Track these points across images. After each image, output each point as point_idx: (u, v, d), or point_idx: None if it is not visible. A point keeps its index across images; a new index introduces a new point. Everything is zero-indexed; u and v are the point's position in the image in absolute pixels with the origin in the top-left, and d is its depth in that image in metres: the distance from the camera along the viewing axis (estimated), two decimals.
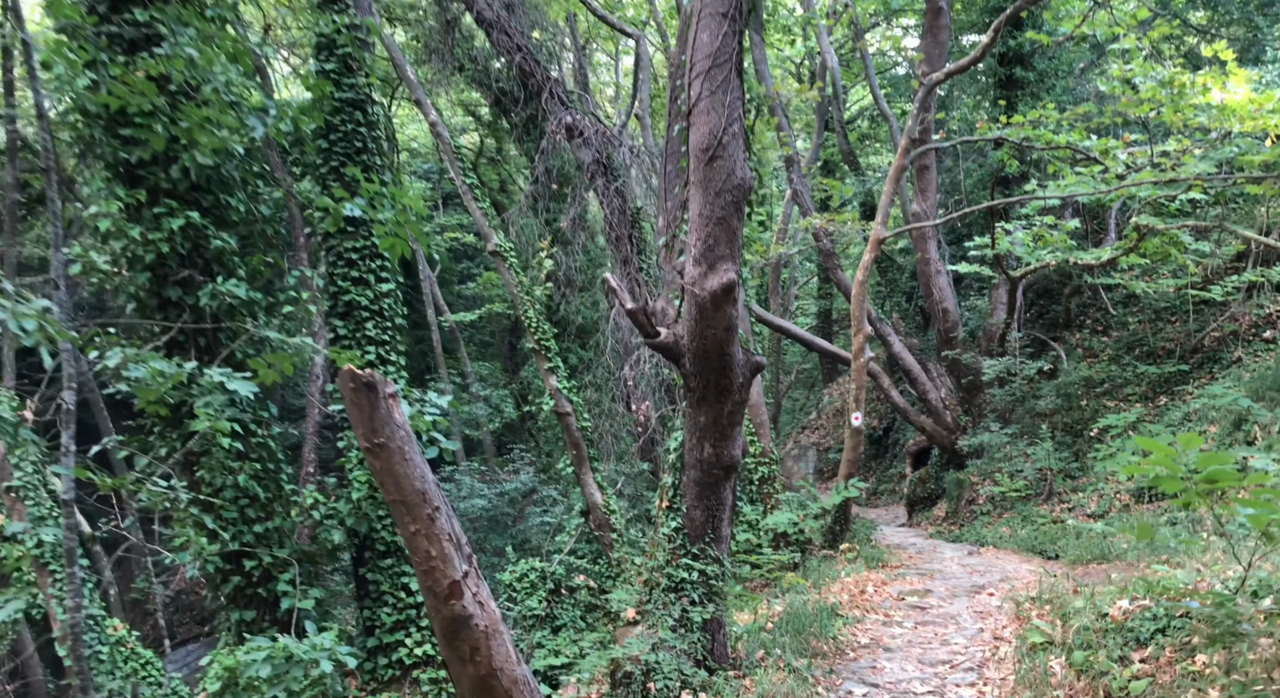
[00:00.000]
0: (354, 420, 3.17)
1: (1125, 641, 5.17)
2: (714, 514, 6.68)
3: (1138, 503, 13.34)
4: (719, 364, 6.27)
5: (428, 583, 3.23)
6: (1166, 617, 4.98)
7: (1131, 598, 5.61)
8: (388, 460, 3.16)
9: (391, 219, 3.99)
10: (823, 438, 30.62)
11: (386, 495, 3.22)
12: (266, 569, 7.11)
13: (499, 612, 3.40)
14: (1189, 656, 4.54)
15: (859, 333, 13.10)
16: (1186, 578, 5.58)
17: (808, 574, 10.92)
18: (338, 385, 3.20)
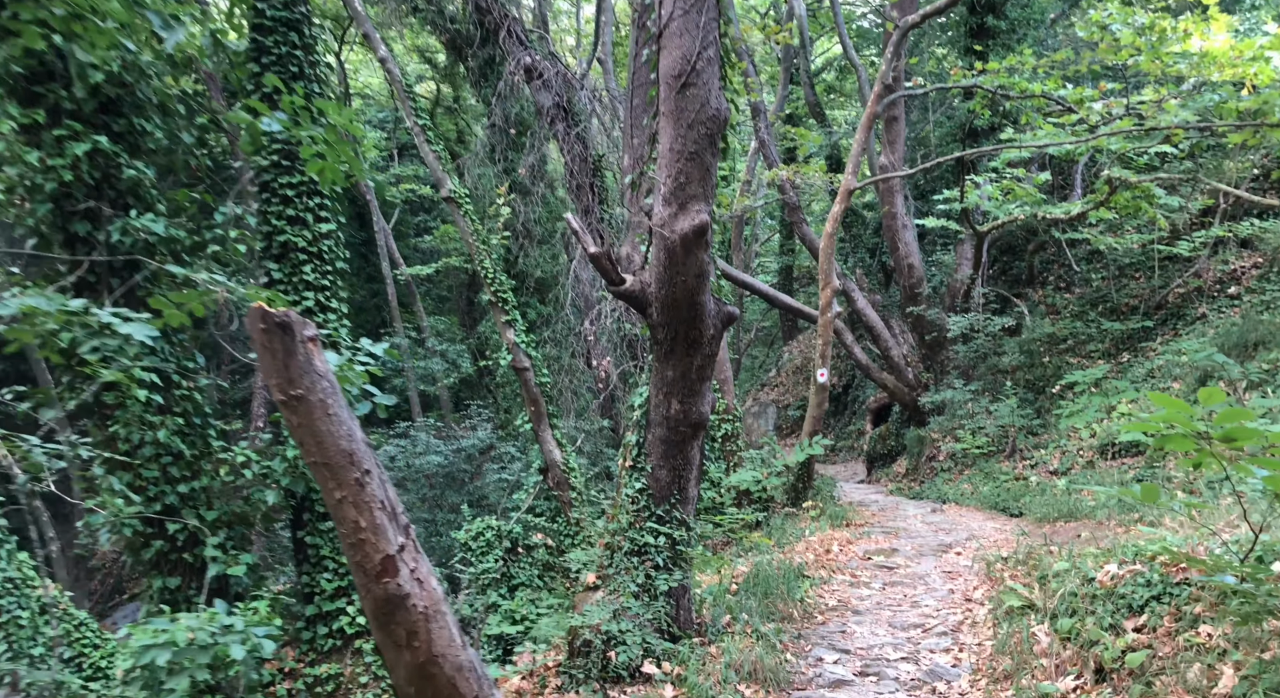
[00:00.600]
0: (266, 369, 2.65)
1: (1116, 608, 4.88)
2: (680, 474, 6.27)
3: (1101, 459, 13.27)
4: (689, 314, 5.80)
5: (356, 558, 2.75)
6: (1162, 583, 4.69)
7: (1120, 562, 5.32)
8: (307, 416, 2.65)
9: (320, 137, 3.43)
10: (782, 395, 30.48)
11: (306, 457, 2.72)
12: (192, 533, 6.53)
13: (441, 590, 2.94)
14: (1190, 626, 4.24)
15: (826, 286, 12.72)
16: (1178, 541, 5.30)
17: (771, 533, 10.64)
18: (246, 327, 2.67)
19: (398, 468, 22.48)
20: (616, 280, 5.86)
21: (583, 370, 16.77)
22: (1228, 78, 11.31)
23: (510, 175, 16.60)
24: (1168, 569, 4.78)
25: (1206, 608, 4.23)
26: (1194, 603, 4.41)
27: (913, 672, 5.81)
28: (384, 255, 27.98)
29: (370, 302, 33.28)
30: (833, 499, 13.06)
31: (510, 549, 12.39)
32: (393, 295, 27.77)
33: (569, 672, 5.77)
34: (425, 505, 22.44)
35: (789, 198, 19.28)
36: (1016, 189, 15.54)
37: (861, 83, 21.37)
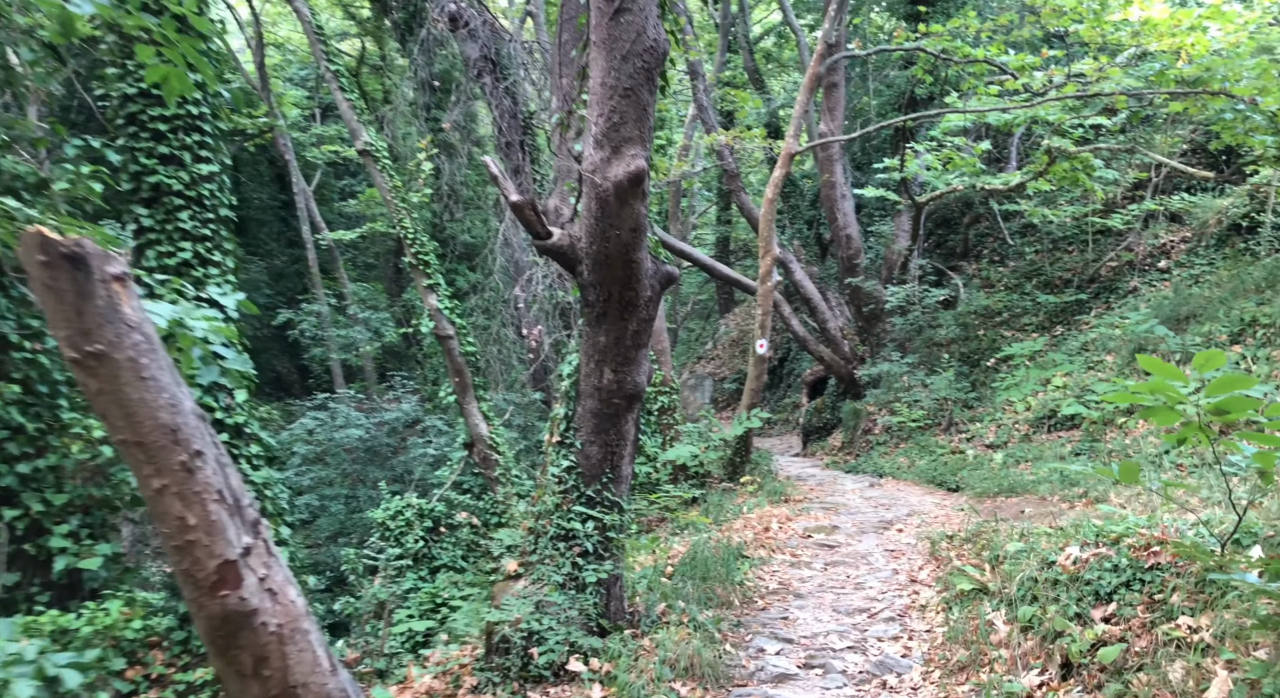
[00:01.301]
0: (51, 317, 1.97)
1: (1081, 595, 4.50)
2: (613, 451, 5.71)
3: (1037, 433, 13.17)
4: (623, 273, 5.21)
5: (184, 566, 2.11)
6: (1131, 568, 4.31)
7: (1081, 544, 4.95)
8: (111, 380, 1.99)
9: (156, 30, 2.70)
10: (719, 368, 30.20)
11: (113, 434, 2.05)
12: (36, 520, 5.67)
13: (303, 602, 2.31)
14: (1168, 618, 3.86)
15: (767, 254, 12.25)
16: (1140, 522, 4.95)
17: (709, 510, 10.20)
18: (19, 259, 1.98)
19: (316, 442, 21.49)
20: (542, 233, 5.23)
21: (513, 340, 16.06)
22: (1165, 47, 11.13)
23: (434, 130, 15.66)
24: (1137, 553, 4.41)
25: (1185, 598, 3.85)
26: (1169, 591, 4.03)
27: (860, 663, 5.39)
28: (304, 219, 26.65)
29: (291, 268, 31.84)
30: (770, 474, 12.70)
31: (432, 529, 11.73)
32: (314, 261, 26.50)
33: (486, 671, 5.20)
34: (346, 482, 21.53)
35: (727, 165, 18.76)
36: (956, 158, 15.28)
37: (801, 48, 20.92)
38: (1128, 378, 12.40)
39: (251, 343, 30.08)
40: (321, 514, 21.58)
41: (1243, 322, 11.08)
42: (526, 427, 18.10)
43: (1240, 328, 11.04)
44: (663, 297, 5.64)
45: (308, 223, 26.61)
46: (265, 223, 32.48)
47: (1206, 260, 14.84)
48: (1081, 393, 12.87)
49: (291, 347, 28.64)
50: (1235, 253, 14.36)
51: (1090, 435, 10.95)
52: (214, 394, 5.47)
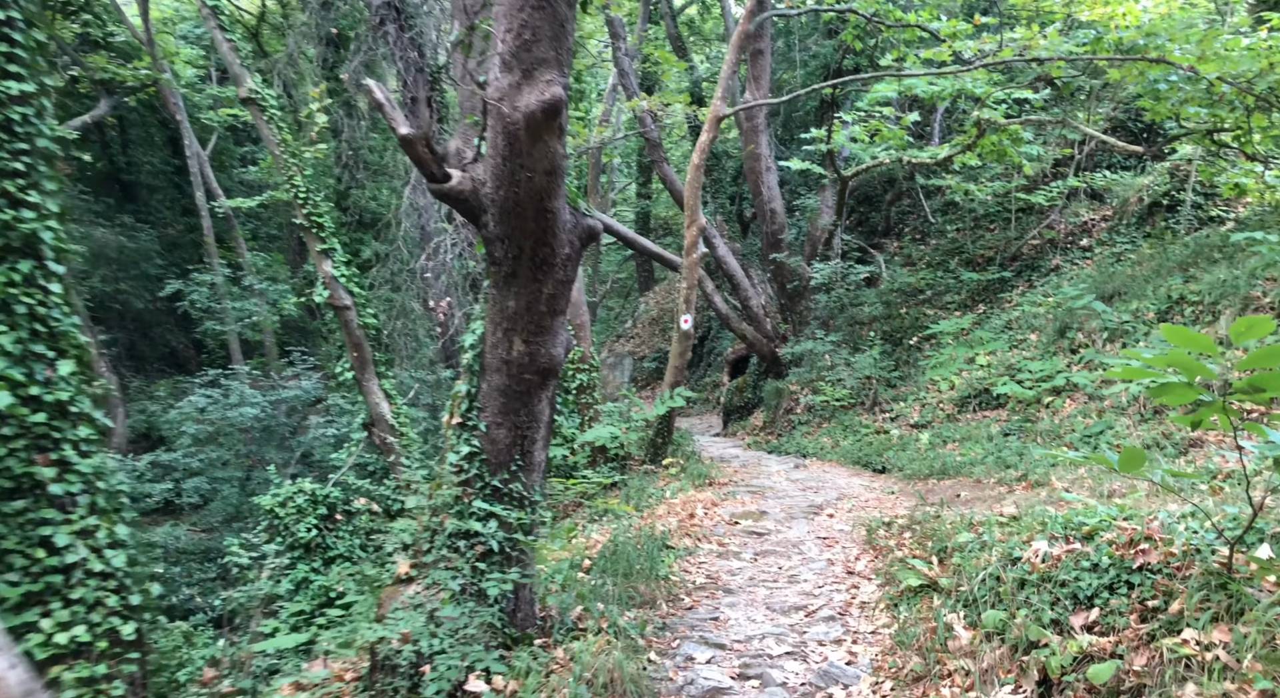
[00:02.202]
0: None
1: (1055, 598, 3.96)
2: (524, 434, 4.93)
3: (962, 412, 12.92)
4: (536, 225, 4.42)
5: None
6: (1115, 569, 3.78)
7: (1050, 538, 4.42)
8: None
9: None
10: (639, 347, 29.58)
11: None
12: None
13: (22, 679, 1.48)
14: (1169, 630, 3.32)
15: (692, 224, 11.57)
16: (1110, 512, 4.45)
17: (629, 496, 9.51)
18: None
19: (208, 421, 20.09)
20: (438, 175, 4.39)
21: (420, 313, 15.03)
22: (1095, 18, 10.85)
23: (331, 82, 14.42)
24: (1120, 551, 3.88)
25: (1190, 608, 3.31)
26: (1166, 598, 3.49)
27: (802, 673, 4.77)
28: (198, 184, 24.79)
29: (186, 237, 29.79)
30: (694, 456, 12.10)
31: (327, 517, 10.75)
32: (209, 229, 24.70)
33: (369, 692, 4.39)
34: (240, 464, 20.20)
35: (650, 133, 17.99)
36: (884, 130, 14.88)
37: (726, 14, 20.26)
38: (1053, 356, 12.22)
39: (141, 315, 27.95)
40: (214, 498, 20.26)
41: (1170, 299, 10.94)
42: (436, 406, 17.10)
43: (1168, 305, 10.90)
44: (582, 254, 4.87)
45: (202, 189, 24.77)
46: (157, 189, 30.36)
47: (1128, 238, 14.83)
48: (1007, 372, 12.66)
49: (187, 320, 26.82)
50: (1157, 231, 14.36)
51: (1024, 417, 10.66)
52: (28, 364, 4.47)
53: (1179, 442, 7.88)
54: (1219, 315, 9.74)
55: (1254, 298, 9.28)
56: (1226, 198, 13.65)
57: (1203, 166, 13.49)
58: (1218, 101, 9.96)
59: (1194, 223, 13.84)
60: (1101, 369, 10.55)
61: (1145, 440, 8.17)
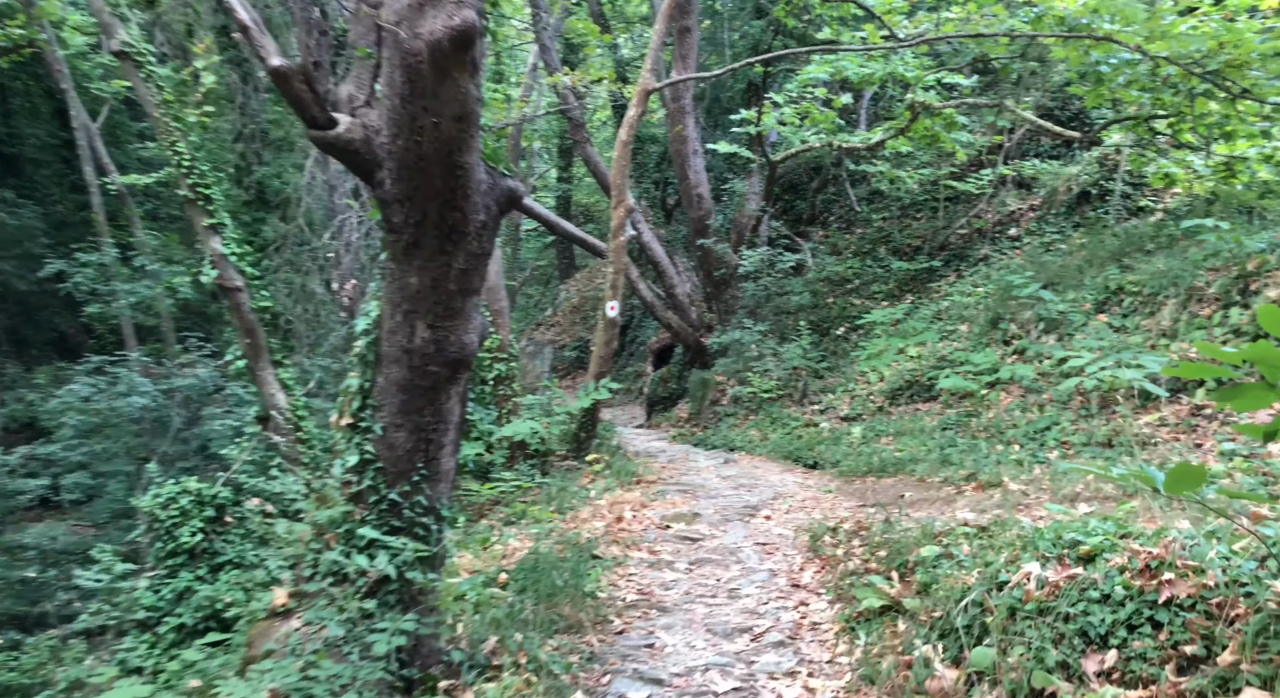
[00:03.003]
0: None
1: (1060, 635, 3.38)
2: (429, 438, 4.14)
3: (893, 404, 12.55)
4: (445, 183, 3.62)
5: None
6: (1133, 601, 3.21)
7: (1041, 558, 3.85)
8: None
9: None
10: (559, 335, 28.75)
11: None
12: None
13: None
14: (1223, 687, 2.74)
15: (620, 204, 10.83)
16: (1107, 528, 3.91)
17: (551, 497, 8.75)
18: None
19: (93, 412, 18.52)
20: (320, 120, 3.54)
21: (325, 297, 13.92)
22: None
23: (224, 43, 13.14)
24: (1137, 580, 3.31)
25: (1247, 657, 2.74)
26: (1204, 642, 2.93)
27: None
28: (87, 159, 22.86)
29: (76, 215, 27.57)
30: (620, 451, 11.40)
31: (214, 519, 9.66)
32: (99, 207, 22.81)
33: None
34: (128, 457, 18.66)
35: (572, 112, 17.16)
36: (815, 112, 14.41)
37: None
38: (986, 347, 11.93)
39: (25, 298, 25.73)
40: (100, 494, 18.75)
41: (1108, 289, 10.71)
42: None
43: (1106, 295, 10.66)
44: (500, 223, 4.09)
45: (91, 164, 22.83)
46: (44, 163, 28.13)
47: (1057, 228, 14.72)
48: (939, 363, 12.34)
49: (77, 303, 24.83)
50: (1087, 221, 14.27)
51: (963, 411, 10.29)
52: None
53: (1129, 440, 7.54)
54: (1161, 306, 9.51)
55: (1198, 288, 9.05)
56: (1155, 188, 13.61)
57: (1133, 155, 13.41)
58: (1161, 84, 9.72)
59: (1123, 213, 13.77)
60: (1040, 359, 10.26)
61: (1096, 437, 7.81)
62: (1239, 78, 8.95)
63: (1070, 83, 15.97)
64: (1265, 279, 8.29)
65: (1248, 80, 9.06)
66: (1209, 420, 7.42)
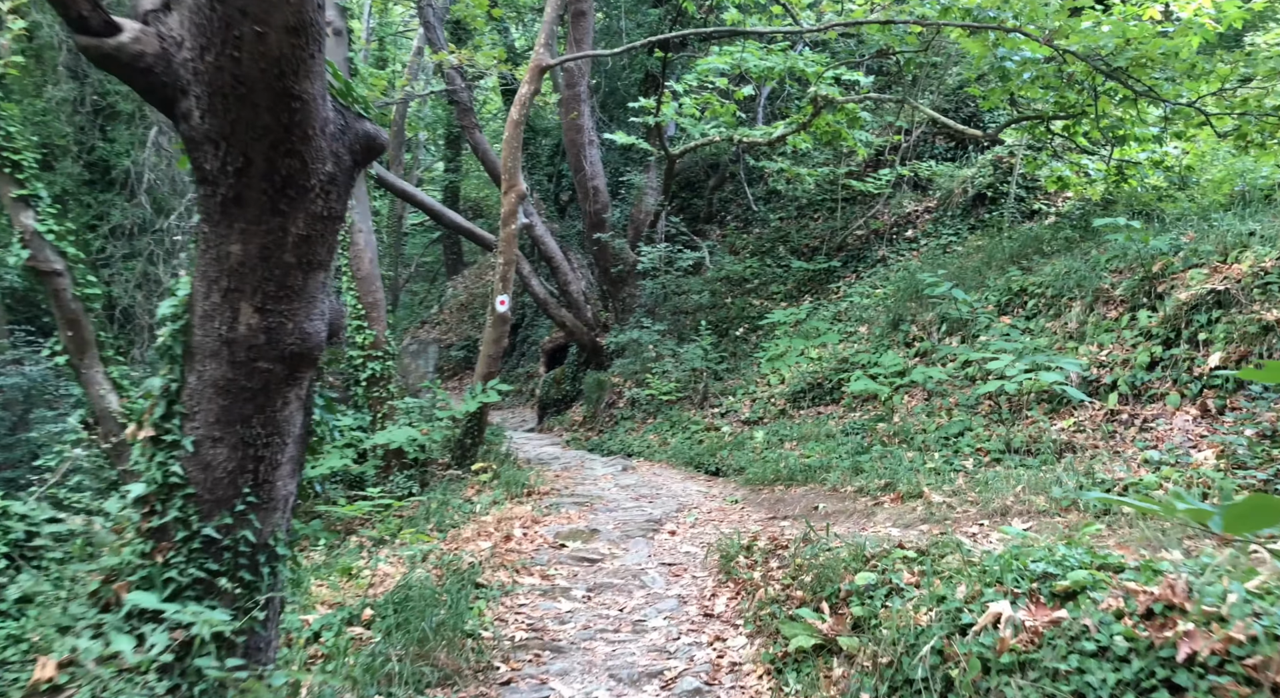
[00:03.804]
0: None
1: (1048, 696, 2.75)
2: (258, 455, 3.20)
3: (795, 408, 12.09)
4: (275, 117, 2.71)
5: None
6: (1141, 657, 2.61)
7: (1008, 595, 3.24)
8: None
9: None
10: (445, 334, 27.44)
11: None
12: None
13: None
14: None
15: (511, 190, 9.94)
16: (1082, 556, 3.33)
17: (431, 512, 7.78)
18: None
19: None
20: (94, 23, 2.57)
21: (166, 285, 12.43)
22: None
23: None
24: (1142, 629, 2.71)
25: None
26: None
27: None
28: None
29: None
30: (509, 459, 10.49)
31: (24, 542, 8.24)
32: None
33: None
34: None
35: (459, 96, 16.10)
36: (715, 104, 13.87)
37: None
38: (887, 349, 11.60)
39: None
40: None
41: (1009, 291, 10.50)
42: None
43: (1008, 297, 10.45)
44: (356, 179, 3.19)
45: None
46: None
47: (953, 230, 14.63)
48: (840, 365, 11.96)
49: None
50: (981, 223, 14.22)
51: (869, 415, 9.85)
52: None
53: (1049, 446, 7.18)
54: (1066, 308, 9.30)
55: (1103, 290, 8.87)
56: (1049, 191, 13.66)
57: (1028, 158, 13.41)
58: (1067, 81, 9.53)
59: (1017, 216, 13.76)
60: (945, 362, 9.93)
61: (1014, 444, 7.43)
62: (1143, 77, 8.81)
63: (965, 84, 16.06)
64: (1171, 281, 8.11)
65: (1151, 81, 8.96)
66: (1125, 426, 7.13)
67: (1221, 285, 7.27)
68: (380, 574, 6.21)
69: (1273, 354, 6.51)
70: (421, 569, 6.22)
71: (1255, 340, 6.70)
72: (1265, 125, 8.54)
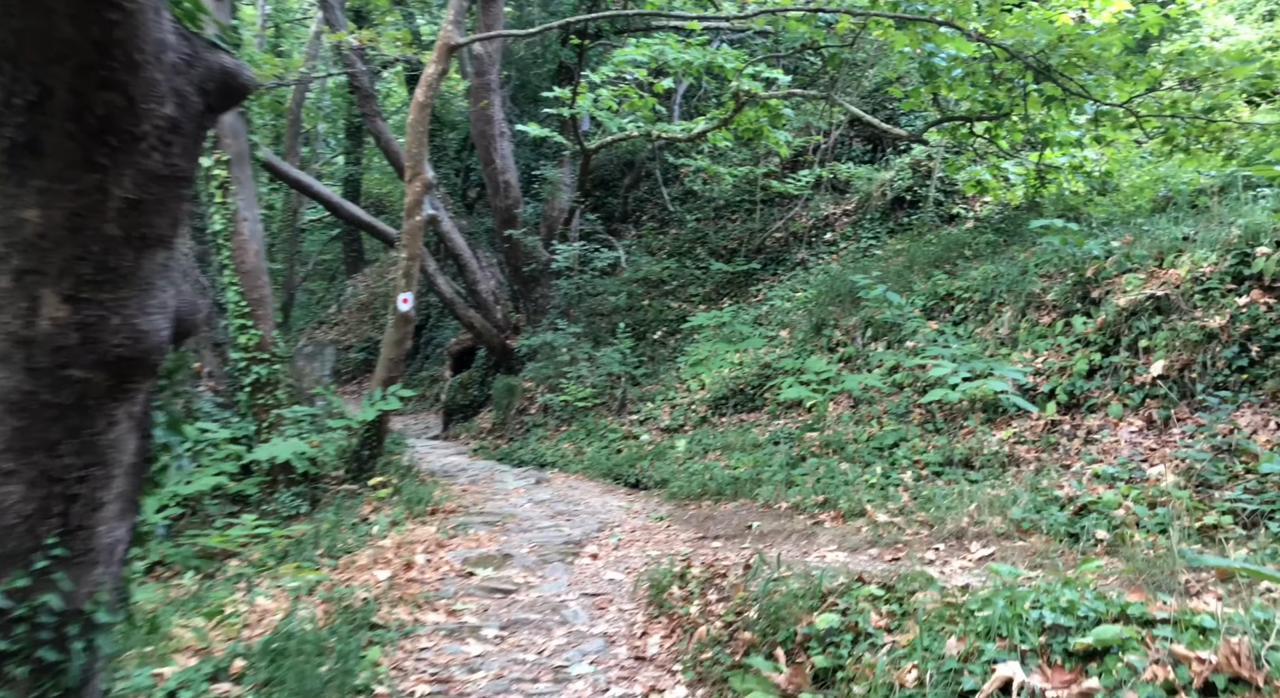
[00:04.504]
0: None
1: None
2: (70, 493, 2.41)
3: (717, 415, 11.60)
4: (83, 33, 1.94)
5: None
6: None
7: (1014, 652, 2.71)
8: None
9: None
10: (343, 335, 26.08)
11: None
12: None
13: None
14: None
15: (415, 178, 9.11)
16: (1096, 605, 2.83)
17: (320, 535, 6.91)
18: None
19: None
20: None
21: None
22: None
23: None
24: None
25: None
26: None
27: None
28: None
29: None
30: (412, 471, 9.63)
31: None
32: None
33: None
34: None
35: (360, 80, 15.08)
36: (633, 96, 13.29)
37: None
38: (810, 354, 11.23)
39: None
40: None
41: (935, 295, 10.24)
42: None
43: (934, 301, 10.19)
44: (208, 128, 2.43)
45: None
46: None
47: (872, 234, 14.43)
48: (762, 370, 11.55)
49: None
50: (901, 227, 14.05)
51: (804, 422, 9.40)
52: None
53: (991, 458, 6.83)
54: (996, 313, 9.05)
55: (1035, 295, 8.64)
56: (967, 195, 13.58)
57: (948, 160, 13.29)
58: (996, 80, 9.31)
59: (935, 220, 13.63)
60: (872, 368, 9.58)
61: (953, 456, 7.06)
62: (1075, 75, 8.63)
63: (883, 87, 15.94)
64: (1105, 286, 7.91)
65: (1082, 82, 8.79)
66: (1068, 437, 6.84)
67: (1160, 291, 7.06)
68: (258, 611, 5.37)
69: (1216, 363, 6.30)
70: (307, 606, 5.41)
71: (1198, 348, 6.49)
72: (1191, 129, 8.45)
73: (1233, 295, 6.44)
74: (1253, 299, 6.23)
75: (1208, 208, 8.05)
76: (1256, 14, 13.45)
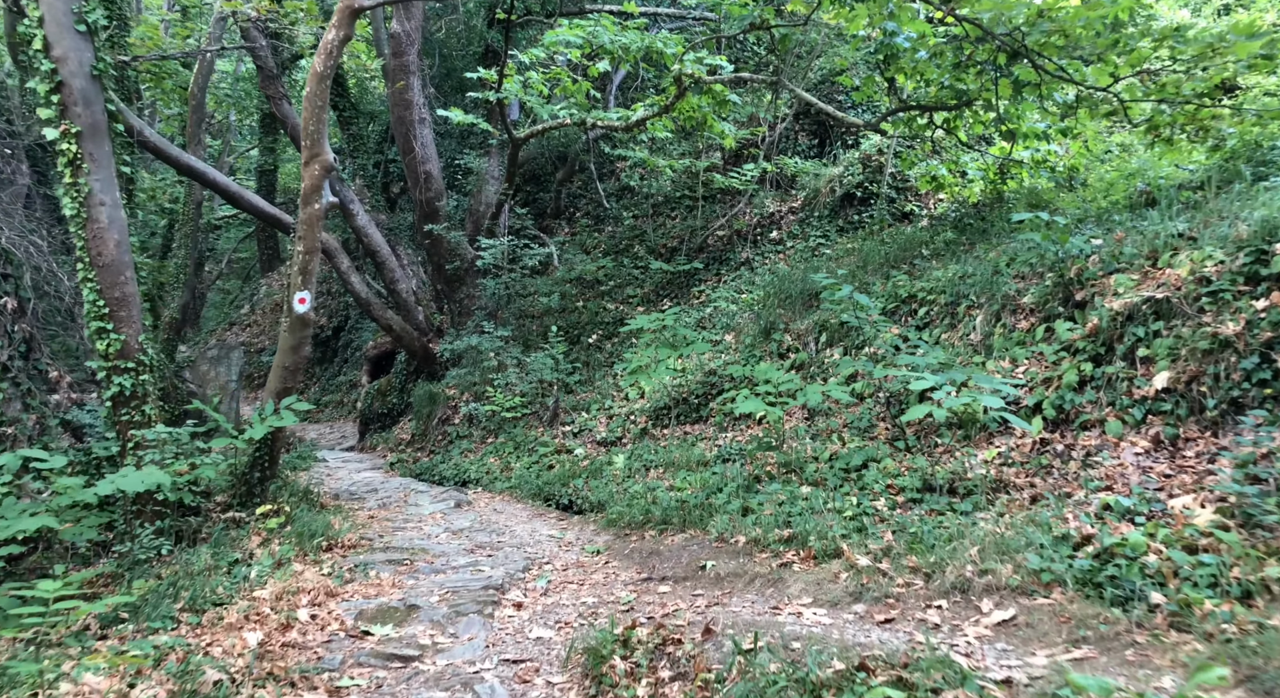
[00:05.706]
0: None
1: None
2: None
3: (657, 426, 10.61)
4: None
5: None
6: None
7: None
8: None
9: None
10: (255, 336, 24.37)
11: None
12: None
13: None
14: None
15: (314, 160, 7.88)
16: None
17: (178, 586, 5.66)
18: None
19: None
20: None
21: None
22: None
23: None
24: None
25: None
26: None
27: None
28: None
29: None
30: (310, 495, 8.38)
31: None
32: None
33: None
34: None
35: (260, 55, 13.66)
36: (566, 81, 12.22)
37: None
38: (758, 360, 10.33)
39: None
40: None
41: (896, 297, 9.41)
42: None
43: (895, 304, 9.36)
44: None
45: None
46: None
47: (821, 232, 13.62)
48: (707, 378, 10.62)
49: None
50: (851, 225, 13.28)
51: (758, 437, 8.45)
52: None
53: (977, 484, 5.95)
54: (965, 317, 8.23)
55: (1009, 298, 7.85)
56: (922, 192, 12.86)
57: (903, 154, 12.54)
58: (965, 63, 8.51)
59: (888, 218, 12.88)
60: (827, 376, 8.69)
61: (935, 481, 6.17)
62: (1053, 55, 7.87)
63: (831, 77, 15.17)
64: (1090, 288, 7.13)
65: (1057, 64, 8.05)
66: (1063, 460, 6.00)
67: (1159, 293, 6.29)
68: (83, 694, 4.19)
69: (1232, 374, 5.52)
70: (150, 687, 4.25)
71: (1209, 358, 5.71)
72: (1178, 116, 7.76)
73: (1247, 298, 5.67)
74: (1273, 302, 5.46)
75: (1197, 203, 7.34)
76: (1213, 8, 13.02)
